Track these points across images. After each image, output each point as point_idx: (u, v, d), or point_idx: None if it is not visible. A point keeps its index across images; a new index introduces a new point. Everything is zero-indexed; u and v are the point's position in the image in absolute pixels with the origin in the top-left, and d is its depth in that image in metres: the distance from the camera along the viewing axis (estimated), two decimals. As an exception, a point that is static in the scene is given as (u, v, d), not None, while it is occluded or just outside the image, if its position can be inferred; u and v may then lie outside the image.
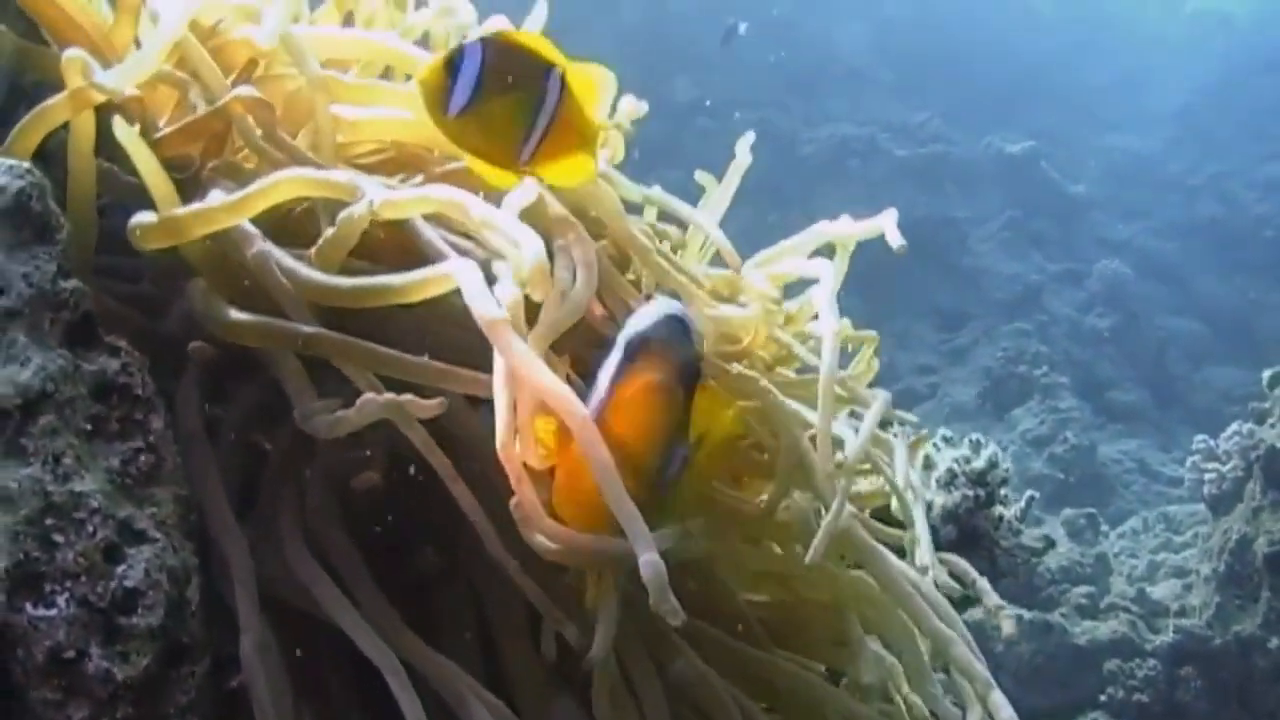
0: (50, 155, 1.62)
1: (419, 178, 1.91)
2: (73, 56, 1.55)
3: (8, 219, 1.43)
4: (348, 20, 2.18)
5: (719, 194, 2.37)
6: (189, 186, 1.77)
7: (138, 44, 1.82)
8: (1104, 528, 8.74)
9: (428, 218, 1.74)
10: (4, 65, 1.72)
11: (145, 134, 1.73)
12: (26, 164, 1.46)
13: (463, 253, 1.69)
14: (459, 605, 1.74)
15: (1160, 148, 14.99)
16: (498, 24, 2.10)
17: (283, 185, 1.57)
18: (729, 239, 2.22)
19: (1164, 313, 12.67)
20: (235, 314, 1.60)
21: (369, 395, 1.51)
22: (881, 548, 1.95)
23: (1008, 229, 13.22)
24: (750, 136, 2.35)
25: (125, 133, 1.56)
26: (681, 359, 1.55)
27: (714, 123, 12.66)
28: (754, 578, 2.02)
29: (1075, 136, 14.96)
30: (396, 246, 1.72)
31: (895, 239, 2.09)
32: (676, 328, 1.59)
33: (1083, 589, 7.28)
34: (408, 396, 1.51)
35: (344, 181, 1.56)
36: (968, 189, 13.48)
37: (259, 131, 1.72)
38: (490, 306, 1.45)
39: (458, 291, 1.50)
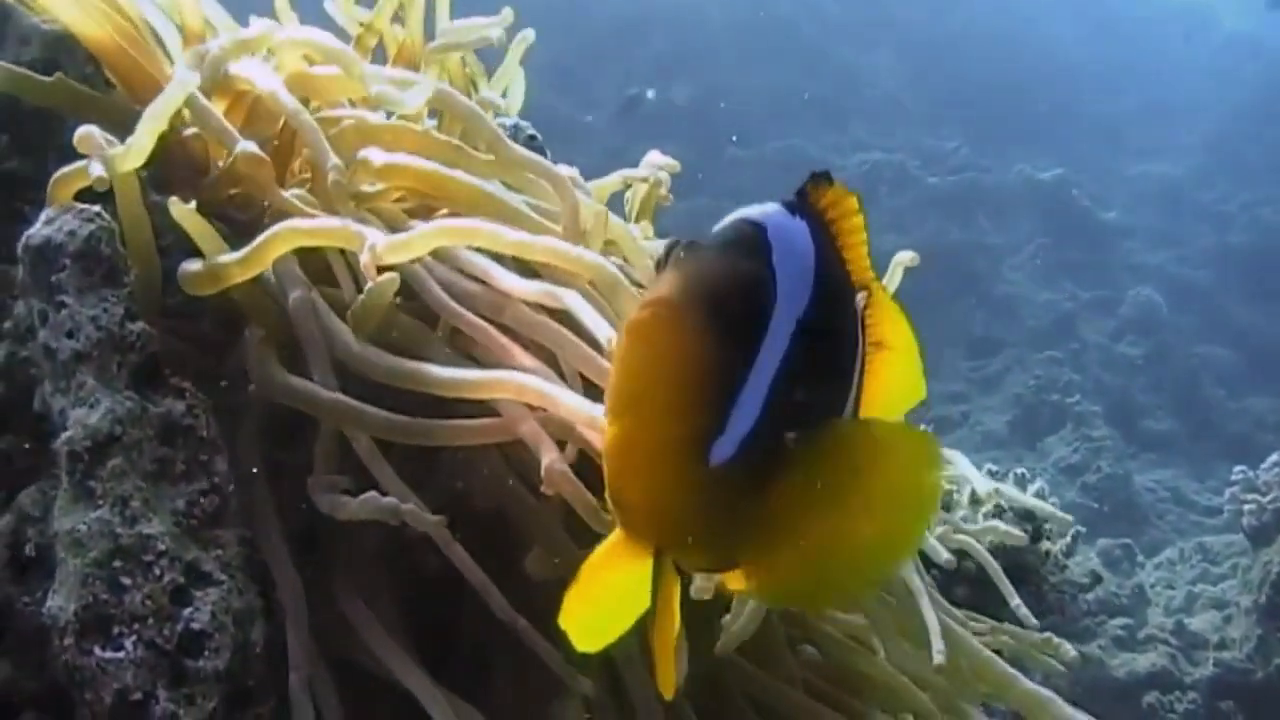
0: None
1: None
2: (84, 134, 1.56)
3: (78, 263, 1.45)
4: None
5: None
6: (251, 227, 1.79)
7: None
8: (1140, 558, 8.66)
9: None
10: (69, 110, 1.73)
11: (202, 174, 1.76)
12: (95, 208, 1.48)
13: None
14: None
15: (1192, 175, 14.92)
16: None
17: (282, 237, 1.59)
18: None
19: (1197, 340, 12.58)
20: (279, 376, 1.62)
21: (371, 495, 1.53)
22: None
23: (1039, 256, 13.17)
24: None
25: (178, 210, 1.59)
26: (724, 280, 1.19)
27: (744, 152, 12.67)
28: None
29: (1106, 164, 14.90)
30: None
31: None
32: (740, 236, 1.25)
33: (1120, 620, 7.20)
34: (408, 507, 1.52)
35: (340, 229, 1.57)
36: (998, 217, 13.43)
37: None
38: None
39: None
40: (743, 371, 1.19)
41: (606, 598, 1.30)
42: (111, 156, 1.56)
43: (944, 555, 2.01)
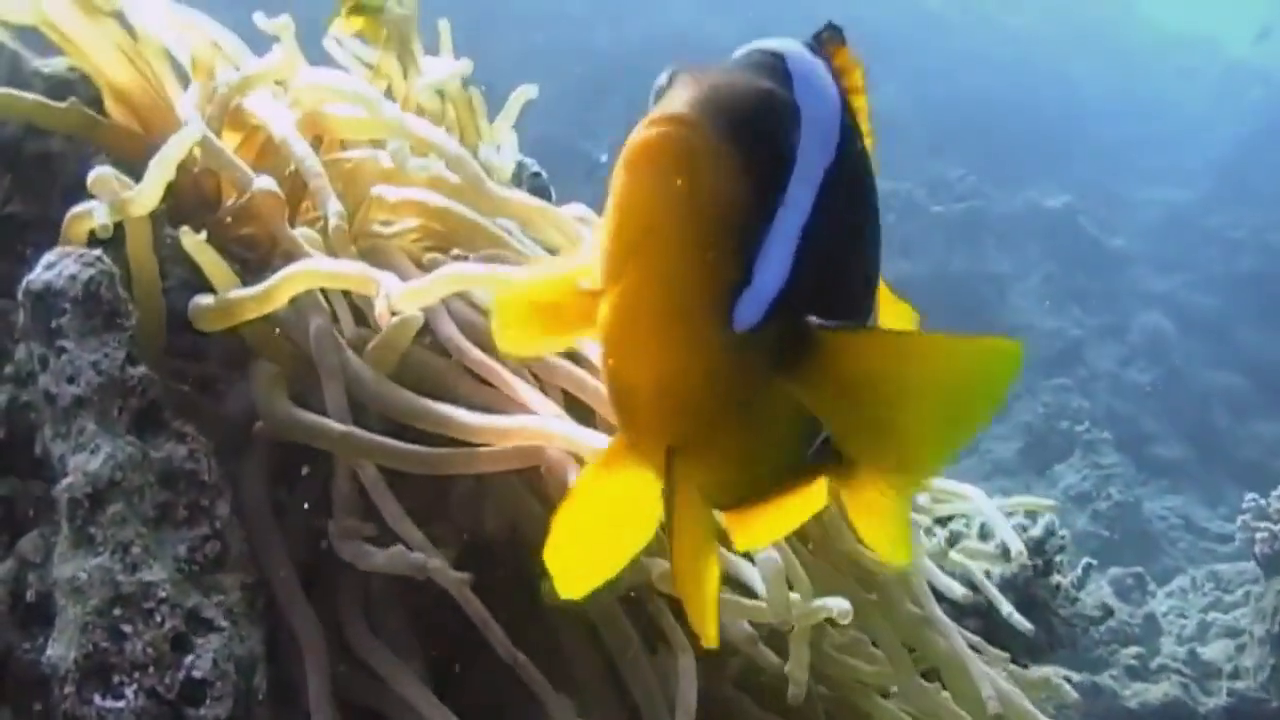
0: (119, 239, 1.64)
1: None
2: (99, 177, 1.56)
3: (78, 307, 1.44)
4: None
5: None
6: (259, 266, 1.78)
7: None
8: (1151, 586, 8.61)
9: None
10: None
11: (212, 210, 1.75)
12: (96, 252, 1.47)
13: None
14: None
15: (1199, 201, 14.92)
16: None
17: (300, 277, 1.58)
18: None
19: (1206, 366, 12.55)
20: (288, 411, 1.61)
21: (398, 550, 1.52)
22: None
23: (1047, 284, 13.15)
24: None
25: (190, 241, 1.58)
26: (746, 96, 0.99)
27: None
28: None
29: (1113, 190, 14.91)
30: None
31: None
32: (759, 63, 1.07)
33: (1132, 650, 7.15)
34: (436, 564, 1.51)
35: (357, 273, 1.57)
36: (1006, 244, 13.43)
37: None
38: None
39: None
40: (768, 213, 0.97)
41: (600, 525, 1.11)
42: (121, 202, 1.55)
43: (959, 591, 1.99)
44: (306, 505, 1.65)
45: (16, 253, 1.69)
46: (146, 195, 1.57)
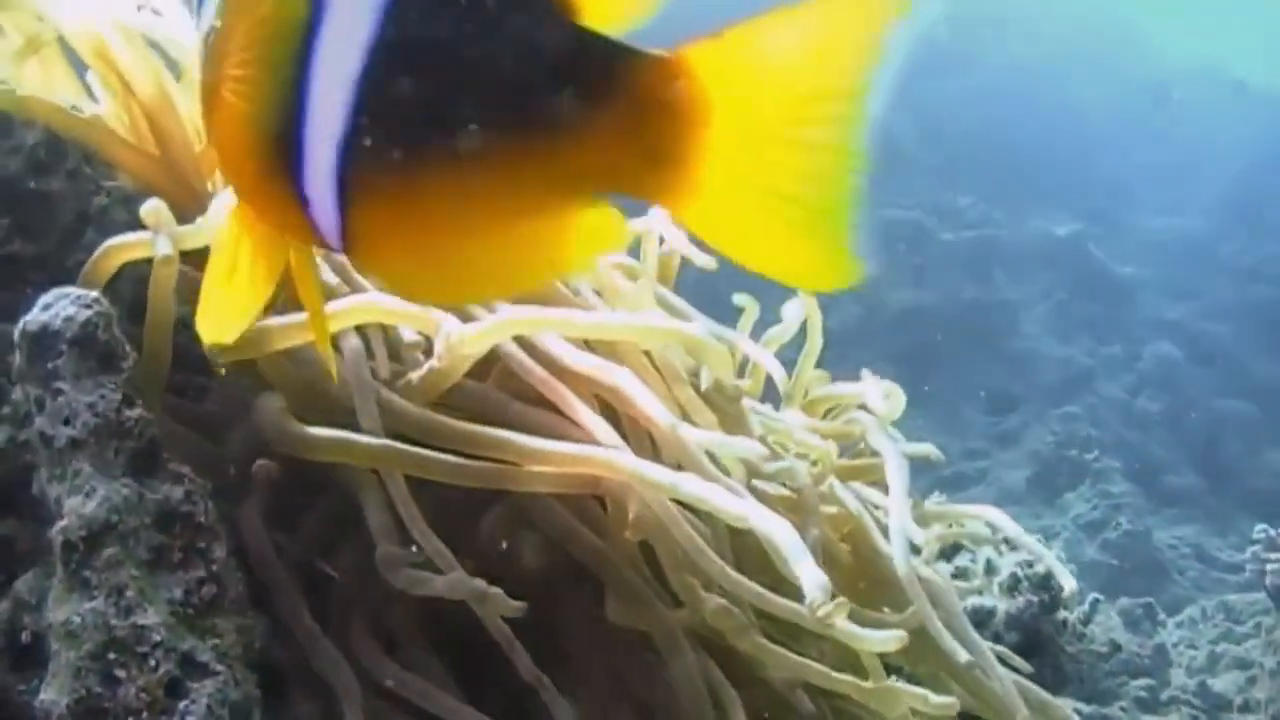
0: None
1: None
2: (150, 208, 1.56)
3: (75, 349, 1.44)
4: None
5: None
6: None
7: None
8: (1161, 616, 8.56)
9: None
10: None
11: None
12: (94, 294, 1.47)
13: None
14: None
15: (1210, 229, 14.89)
16: None
17: (360, 311, 1.58)
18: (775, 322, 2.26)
19: (1217, 395, 12.50)
20: (312, 430, 1.60)
21: (458, 576, 1.50)
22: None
23: (1056, 312, 13.12)
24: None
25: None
26: None
27: (760, 208, 12.69)
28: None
29: (1123, 218, 14.89)
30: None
31: None
32: None
33: (1141, 681, 7.09)
34: (495, 590, 1.50)
35: (418, 313, 1.56)
36: (1015, 272, 13.40)
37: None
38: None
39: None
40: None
41: (239, 278, 1.14)
42: (180, 234, 1.56)
43: (963, 657, 1.95)
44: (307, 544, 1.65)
45: (17, 291, 1.69)
46: (209, 227, 1.58)
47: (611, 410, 1.68)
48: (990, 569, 2.68)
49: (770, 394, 2.29)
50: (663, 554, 1.62)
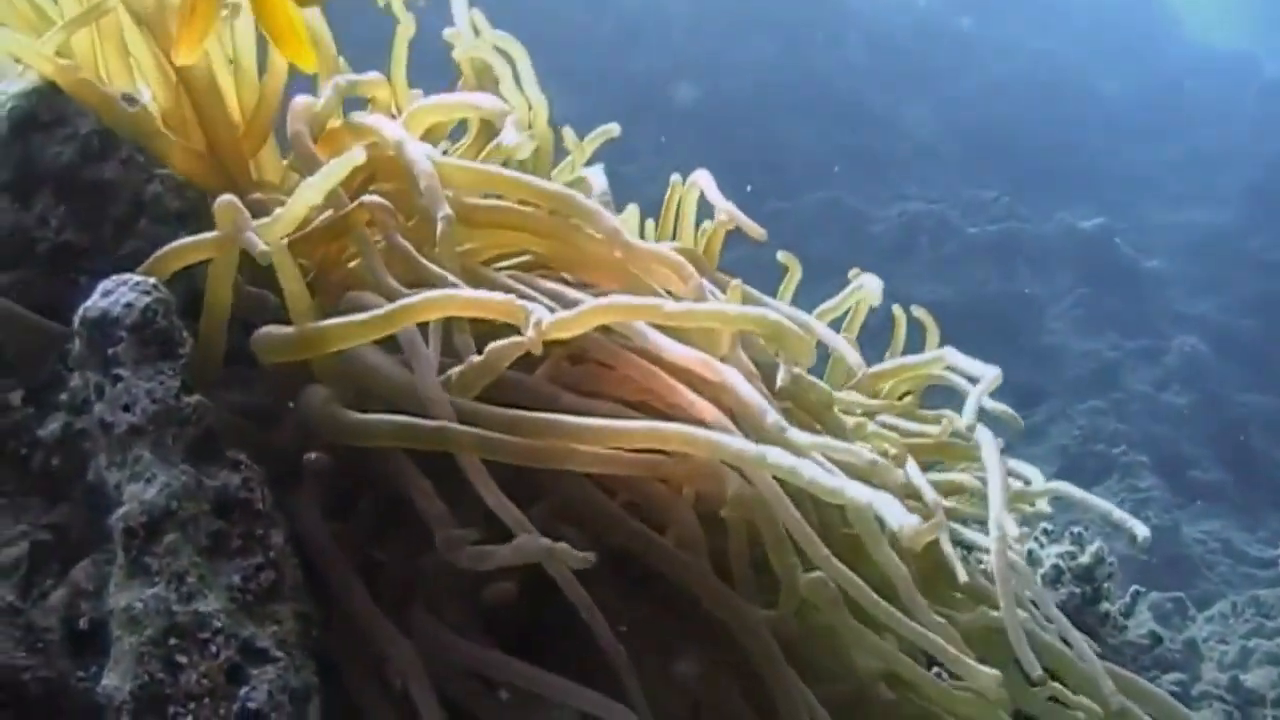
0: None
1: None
2: (225, 204, 1.55)
3: (134, 335, 1.44)
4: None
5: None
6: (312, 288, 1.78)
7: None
8: (1191, 612, 8.52)
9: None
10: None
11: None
12: (152, 280, 1.47)
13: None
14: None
15: (1235, 222, 14.80)
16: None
17: (437, 304, 1.56)
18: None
19: (1244, 389, 12.43)
20: (366, 416, 1.60)
21: (526, 537, 1.49)
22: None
23: (1081, 306, 13.07)
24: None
25: (278, 253, 1.57)
26: None
27: (785, 204, 12.67)
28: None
29: (1148, 212, 14.82)
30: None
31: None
32: None
33: (1173, 676, 7.07)
34: (562, 545, 1.49)
35: (503, 302, 1.54)
36: (1040, 266, 13.35)
37: (379, 242, 1.72)
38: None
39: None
40: None
41: None
42: (261, 226, 1.56)
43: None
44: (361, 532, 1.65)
45: (71, 280, 1.69)
46: (289, 218, 1.58)
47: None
48: (1033, 560, 2.66)
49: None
50: (766, 533, 1.62)
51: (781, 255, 2.56)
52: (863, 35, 15.59)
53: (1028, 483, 2.36)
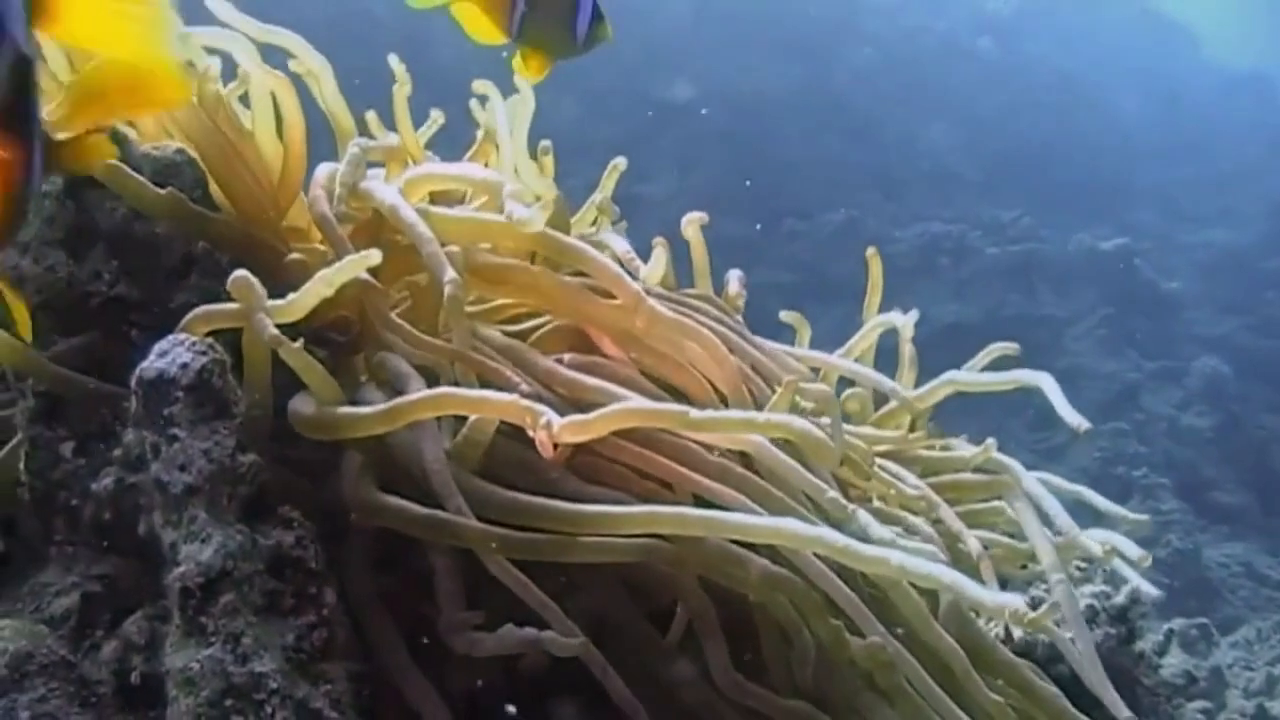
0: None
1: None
2: (239, 282, 1.57)
3: (190, 395, 1.45)
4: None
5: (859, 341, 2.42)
6: (346, 350, 1.80)
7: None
8: (1215, 637, 8.48)
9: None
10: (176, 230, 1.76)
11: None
12: (209, 340, 1.48)
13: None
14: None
15: (1256, 243, 14.76)
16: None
17: (437, 403, 1.57)
18: (821, 338, 2.29)
19: (1266, 411, 12.38)
20: (380, 498, 1.61)
21: (508, 630, 1.52)
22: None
23: (1102, 327, 13.04)
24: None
25: (292, 354, 1.59)
26: None
27: (802, 224, 12.69)
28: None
29: (1168, 232, 14.79)
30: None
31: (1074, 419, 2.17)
32: None
33: (1198, 704, 7.03)
34: (549, 634, 1.50)
35: (509, 403, 1.53)
36: (1060, 287, 13.33)
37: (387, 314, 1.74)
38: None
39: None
40: None
41: None
42: (272, 308, 1.57)
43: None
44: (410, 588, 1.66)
45: (122, 334, 1.71)
46: (300, 306, 1.59)
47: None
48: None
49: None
50: (804, 603, 1.62)
51: (786, 316, 2.56)
52: (882, 56, 15.60)
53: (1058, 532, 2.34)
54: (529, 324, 1.98)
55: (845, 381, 2.53)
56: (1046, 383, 2.32)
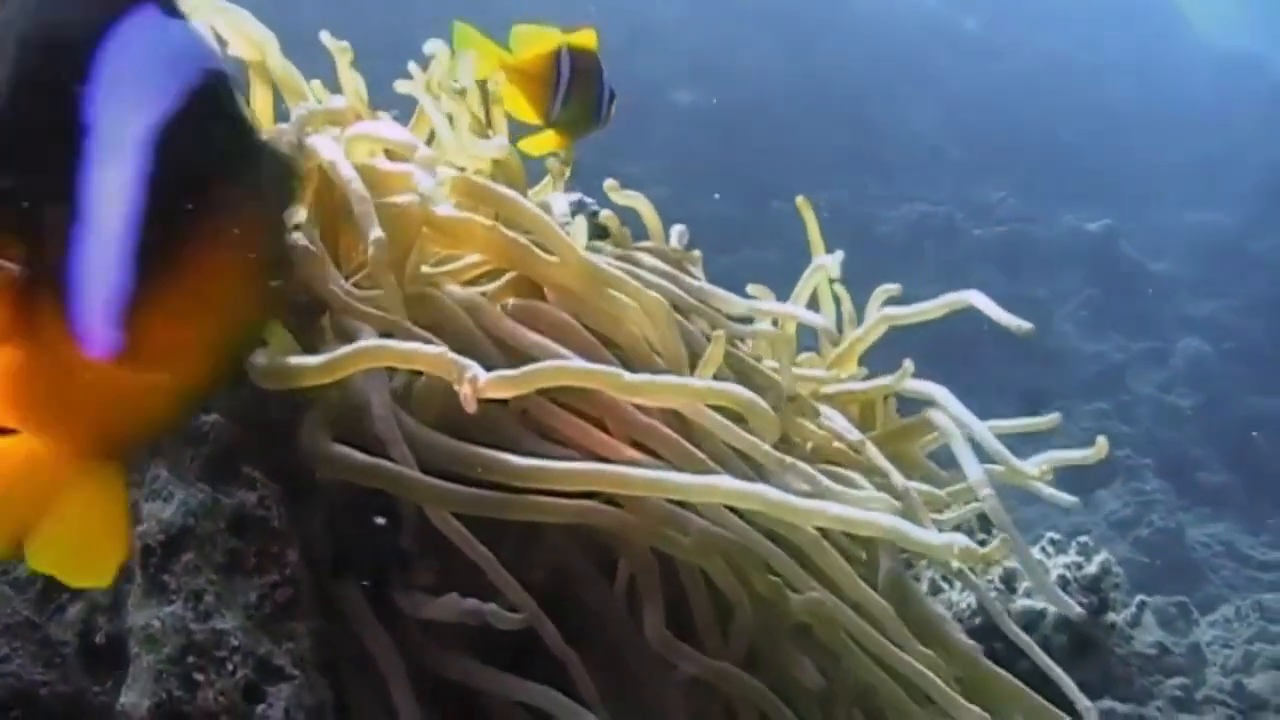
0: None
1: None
2: None
3: (151, 355, 1.45)
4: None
5: (800, 287, 2.43)
6: (315, 310, 1.80)
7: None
8: (1195, 615, 8.51)
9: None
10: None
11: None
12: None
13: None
14: None
15: (1242, 225, 14.79)
16: None
17: (368, 354, 1.57)
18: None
19: (1249, 392, 12.43)
20: (329, 447, 1.61)
21: (451, 597, 1.52)
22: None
23: (1087, 308, 13.07)
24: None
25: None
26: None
27: (789, 205, 12.67)
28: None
29: (1155, 214, 14.81)
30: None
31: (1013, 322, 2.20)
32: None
33: (1177, 680, 7.06)
34: (491, 606, 1.51)
35: (435, 355, 1.52)
36: (1046, 268, 13.35)
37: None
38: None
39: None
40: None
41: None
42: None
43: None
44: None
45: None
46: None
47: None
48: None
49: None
50: (741, 564, 1.63)
51: (752, 289, 2.57)
52: (867, 37, 15.59)
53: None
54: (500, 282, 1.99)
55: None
56: (977, 298, 2.34)
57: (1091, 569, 3.00)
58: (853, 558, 1.87)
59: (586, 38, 2.51)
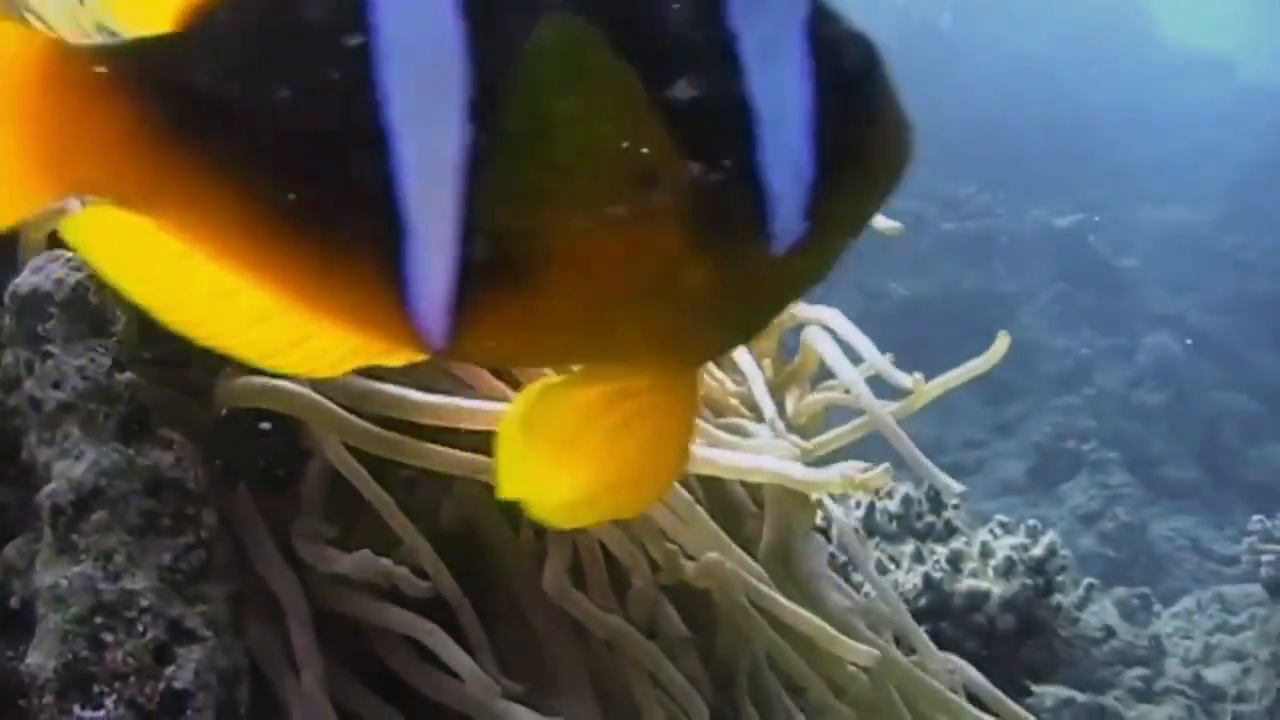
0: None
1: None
2: None
3: (65, 312, 1.43)
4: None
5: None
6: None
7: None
8: (1156, 607, 8.55)
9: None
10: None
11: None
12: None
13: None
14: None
15: (1212, 222, 14.87)
16: None
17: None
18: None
19: (1216, 389, 12.49)
20: (236, 380, 1.56)
21: (364, 555, 1.49)
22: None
23: (1056, 303, 13.12)
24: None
25: None
26: None
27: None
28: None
29: (1125, 210, 14.86)
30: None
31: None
32: None
33: (1137, 671, 7.09)
34: (403, 570, 1.48)
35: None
36: (1015, 262, 13.40)
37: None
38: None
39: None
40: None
41: None
42: None
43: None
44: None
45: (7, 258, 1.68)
46: None
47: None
48: (985, 552, 2.67)
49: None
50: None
51: None
52: (842, 30, 15.57)
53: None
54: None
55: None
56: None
57: (1038, 550, 3.00)
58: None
59: None
